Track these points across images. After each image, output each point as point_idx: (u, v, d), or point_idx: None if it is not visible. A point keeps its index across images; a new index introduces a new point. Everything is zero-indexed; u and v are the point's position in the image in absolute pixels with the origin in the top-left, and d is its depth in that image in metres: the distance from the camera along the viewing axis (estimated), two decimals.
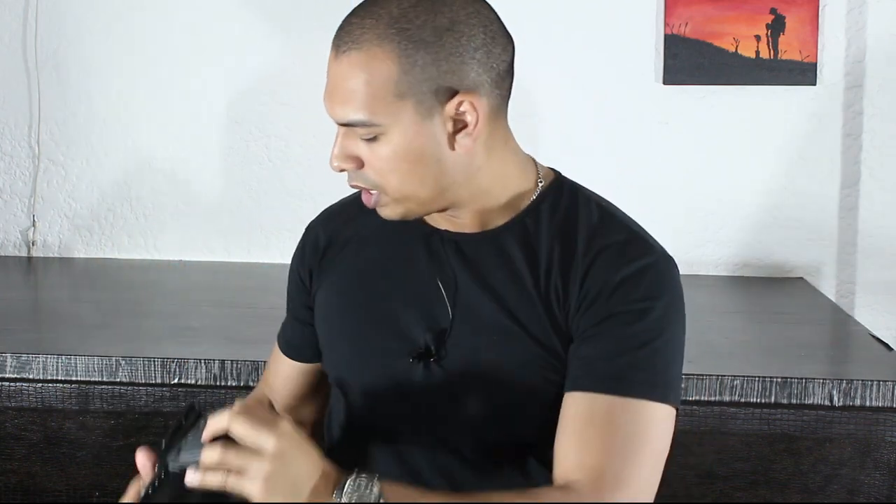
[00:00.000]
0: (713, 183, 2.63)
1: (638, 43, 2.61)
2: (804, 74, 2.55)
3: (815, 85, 2.56)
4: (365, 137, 1.18)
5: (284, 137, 2.73)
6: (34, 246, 2.82)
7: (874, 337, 2.02)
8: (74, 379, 1.79)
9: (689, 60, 2.57)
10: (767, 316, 2.29)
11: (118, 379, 1.78)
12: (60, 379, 1.79)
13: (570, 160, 1.66)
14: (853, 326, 2.18)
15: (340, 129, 1.20)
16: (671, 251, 1.26)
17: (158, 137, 2.77)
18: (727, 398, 1.69)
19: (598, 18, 2.62)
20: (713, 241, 2.64)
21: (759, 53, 2.55)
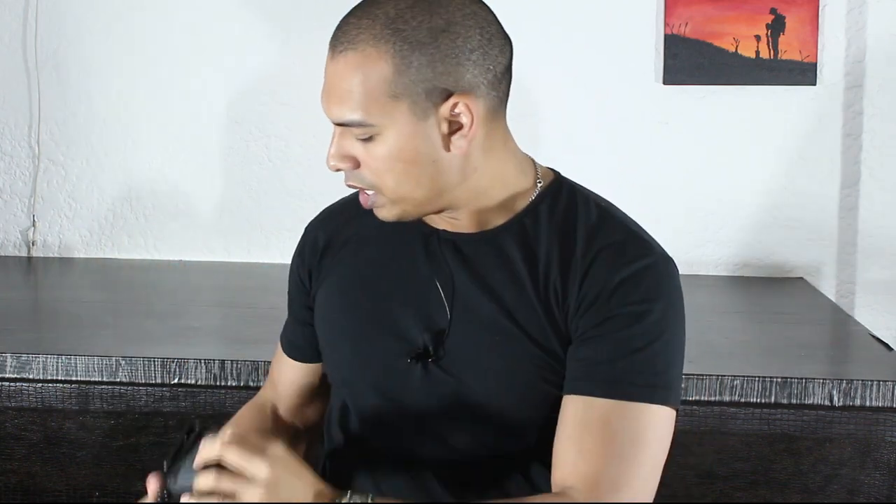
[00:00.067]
0: (713, 183, 2.63)
1: (638, 43, 2.61)
2: (804, 74, 2.55)
3: (815, 85, 2.56)
4: (361, 137, 1.18)
5: (284, 137, 2.73)
6: (34, 246, 2.82)
7: (874, 337, 2.02)
8: (74, 379, 1.79)
9: (689, 60, 2.57)
10: (767, 316, 2.29)
11: (118, 379, 1.78)
12: (60, 379, 1.79)
13: (570, 160, 1.67)
14: (853, 326, 2.18)
15: (337, 128, 1.20)
16: (671, 251, 1.25)
17: (158, 137, 2.77)
18: (727, 398, 1.69)
19: (598, 18, 2.62)
20: (713, 241, 2.64)
21: (759, 53, 2.55)
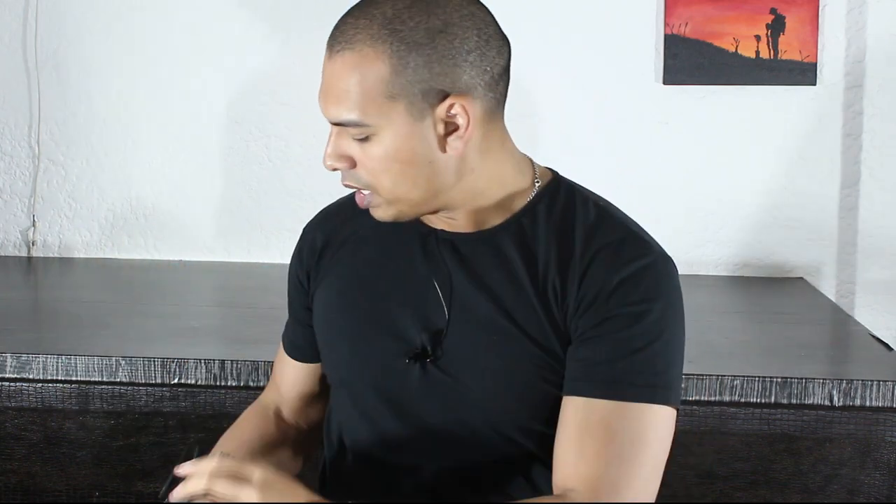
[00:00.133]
0: (713, 183, 2.63)
1: (638, 43, 2.61)
2: (804, 74, 2.55)
3: (815, 85, 2.56)
4: (357, 137, 1.18)
5: (284, 137, 2.73)
6: (34, 246, 2.82)
7: (874, 337, 2.02)
8: (74, 379, 1.79)
9: (689, 60, 2.57)
10: (767, 316, 2.29)
11: (118, 379, 1.78)
12: (60, 379, 1.79)
13: (570, 160, 1.67)
14: (853, 326, 2.18)
15: (333, 128, 1.20)
16: (671, 251, 1.25)
17: (158, 137, 2.77)
18: (727, 398, 1.69)
19: (598, 19, 2.62)
20: (713, 241, 2.64)
21: (759, 53, 2.55)
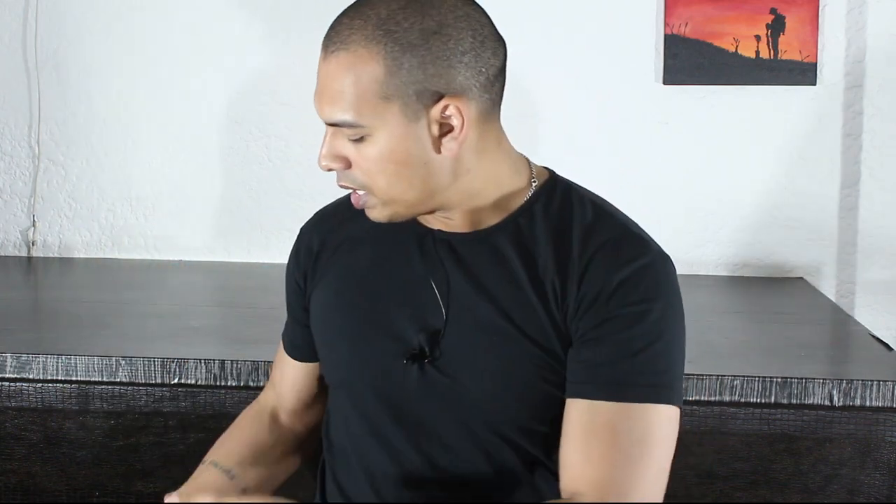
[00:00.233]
0: (713, 183, 2.63)
1: (638, 43, 2.61)
2: (804, 74, 2.55)
3: (815, 85, 2.56)
4: (352, 138, 1.18)
5: (284, 137, 2.73)
6: (34, 246, 2.82)
7: (874, 337, 2.02)
8: (74, 379, 1.79)
9: (689, 60, 2.57)
10: (767, 316, 2.29)
11: (118, 379, 1.78)
12: (60, 379, 1.79)
13: (571, 160, 1.67)
14: (853, 326, 2.18)
15: (329, 128, 1.20)
16: (671, 251, 1.25)
17: (158, 137, 2.77)
18: (727, 398, 1.69)
19: (598, 19, 2.62)
20: (713, 241, 2.64)
21: (759, 53, 2.55)
